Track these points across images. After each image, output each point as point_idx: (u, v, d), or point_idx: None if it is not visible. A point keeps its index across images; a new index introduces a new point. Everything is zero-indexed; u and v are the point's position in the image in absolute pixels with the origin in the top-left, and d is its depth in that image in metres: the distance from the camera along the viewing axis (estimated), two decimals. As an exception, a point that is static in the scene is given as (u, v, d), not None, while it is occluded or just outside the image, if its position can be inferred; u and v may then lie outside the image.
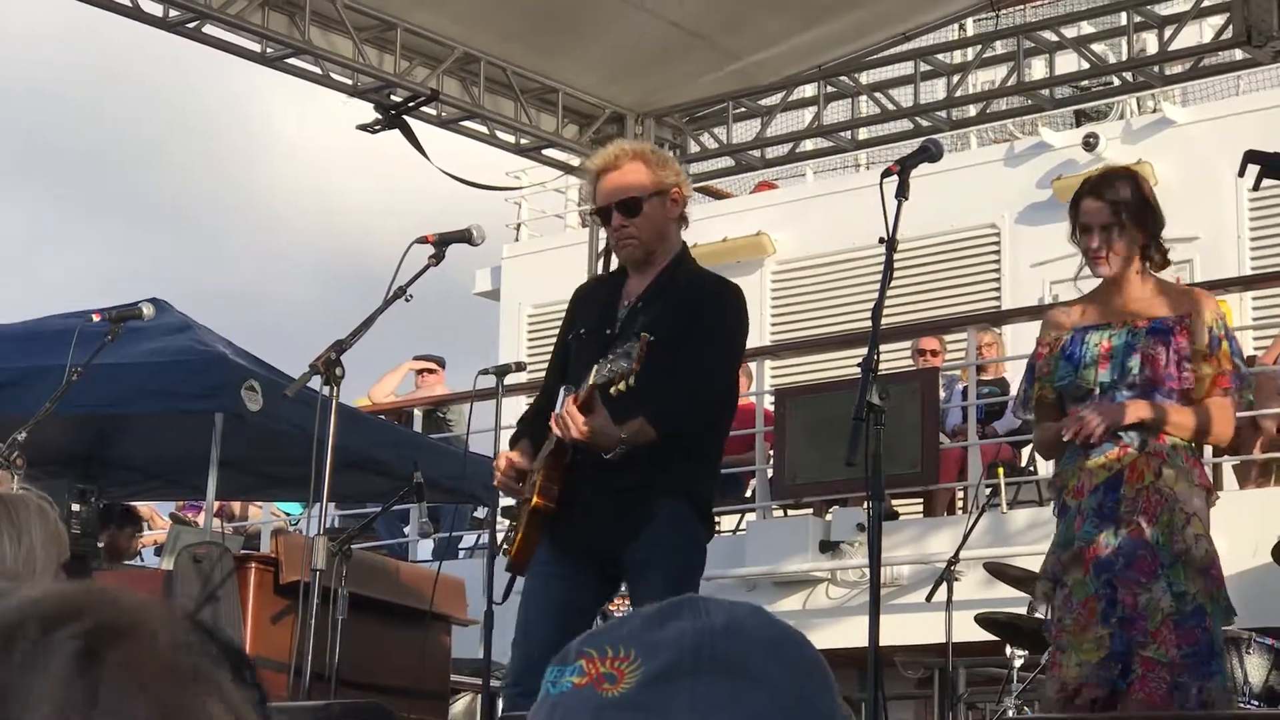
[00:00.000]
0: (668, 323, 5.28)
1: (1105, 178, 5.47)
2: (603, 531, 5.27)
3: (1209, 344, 5.27)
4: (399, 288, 5.82)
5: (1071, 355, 5.36)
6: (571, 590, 5.37)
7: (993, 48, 11.26)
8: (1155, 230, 5.39)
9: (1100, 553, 5.16)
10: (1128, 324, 5.31)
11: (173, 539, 10.49)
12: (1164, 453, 5.20)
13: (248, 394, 9.56)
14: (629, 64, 11.34)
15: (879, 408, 4.66)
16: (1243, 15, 9.48)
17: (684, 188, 5.51)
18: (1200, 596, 5.11)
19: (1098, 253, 5.34)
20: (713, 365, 5.32)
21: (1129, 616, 5.09)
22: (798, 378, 14.79)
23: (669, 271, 5.44)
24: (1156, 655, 5.06)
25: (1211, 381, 5.27)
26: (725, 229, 16.86)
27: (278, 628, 7.74)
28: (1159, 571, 5.09)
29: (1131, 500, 5.17)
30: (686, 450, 5.29)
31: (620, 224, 5.39)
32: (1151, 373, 5.22)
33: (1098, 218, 5.32)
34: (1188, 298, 5.44)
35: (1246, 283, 13.76)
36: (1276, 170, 5.00)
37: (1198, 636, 5.08)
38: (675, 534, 5.26)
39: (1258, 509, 10.19)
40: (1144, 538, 5.12)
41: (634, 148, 5.58)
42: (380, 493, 10.43)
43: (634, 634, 1.29)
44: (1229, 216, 14.42)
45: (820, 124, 11.53)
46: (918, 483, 11.43)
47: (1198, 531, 5.16)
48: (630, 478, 5.21)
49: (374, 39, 10.55)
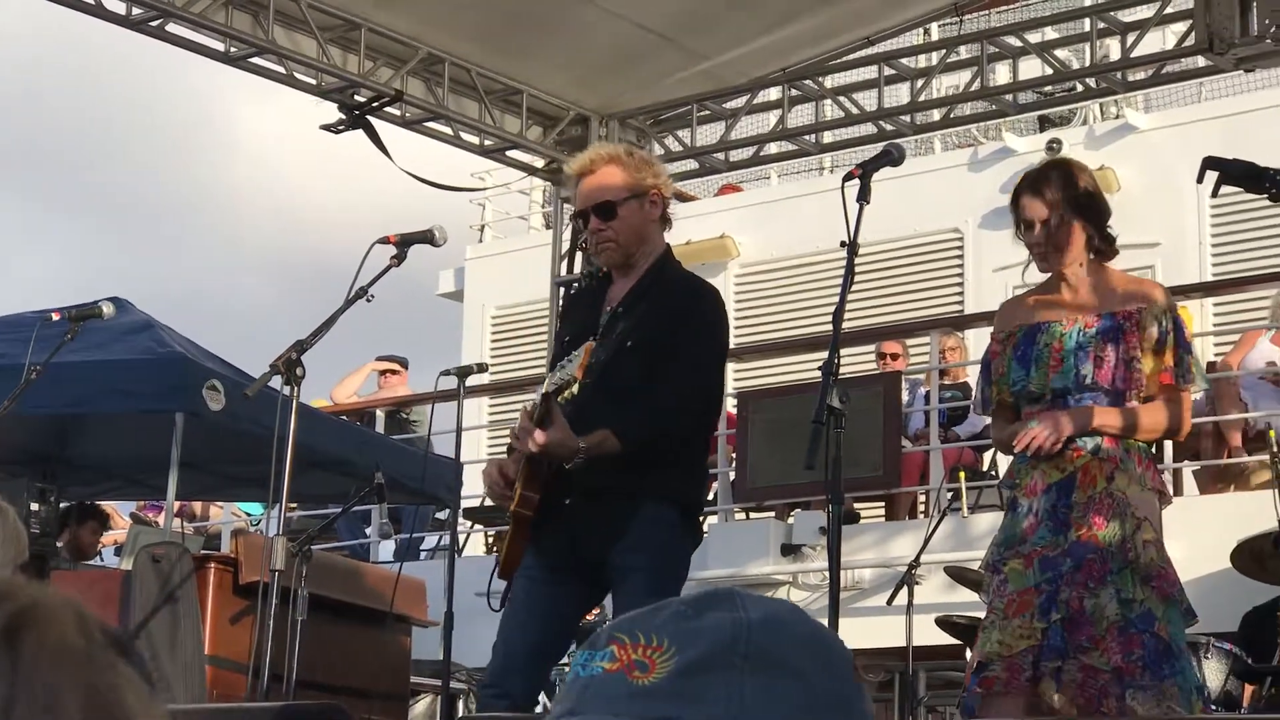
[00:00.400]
0: (647, 328, 5.29)
1: (1044, 172, 5.42)
2: (586, 537, 5.26)
3: (1158, 339, 5.22)
4: (360, 288, 5.80)
5: (1024, 357, 5.30)
6: (554, 595, 5.35)
7: (957, 52, 11.29)
8: (1099, 221, 5.34)
9: (1049, 553, 5.11)
10: (1078, 322, 5.25)
11: (132, 539, 10.44)
12: (1117, 457, 5.15)
13: (209, 393, 9.53)
14: (594, 66, 11.34)
15: (839, 411, 4.65)
16: (1205, 23, 9.52)
17: (664, 189, 5.48)
18: (1149, 601, 5.07)
19: (1041, 249, 5.31)
20: (688, 374, 5.28)
21: (1073, 618, 5.03)
22: (761, 380, 14.80)
23: (650, 275, 5.42)
24: (1098, 663, 5.00)
25: (1160, 377, 5.23)
26: (689, 232, 16.82)
27: (237, 628, 7.72)
28: (1107, 578, 5.05)
29: (1084, 506, 5.12)
30: (671, 455, 5.28)
31: (597, 228, 5.38)
32: (1105, 376, 5.18)
33: (1038, 213, 5.28)
34: (1138, 290, 5.37)
35: (1208, 289, 13.81)
36: (1235, 177, 5.00)
37: (1144, 642, 5.02)
38: (658, 539, 5.24)
39: (1217, 514, 10.23)
40: (1095, 543, 5.08)
41: (609, 151, 5.54)
42: (342, 493, 10.40)
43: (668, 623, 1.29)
44: (1190, 222, 14.47)
45: (784, 127, 11.55)
46: (880, 486, 11.45)
47: (1148, 537, 5.11)
48: (613, 483, 5.20)
49: (338, 39, 10.53)
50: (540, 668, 5.42)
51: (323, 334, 5.74)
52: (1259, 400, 10.99)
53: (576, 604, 5.47)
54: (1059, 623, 5.03)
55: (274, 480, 5.79)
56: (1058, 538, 5.12)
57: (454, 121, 11.33)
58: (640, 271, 5.42)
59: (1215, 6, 9.43)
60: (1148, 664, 5.00)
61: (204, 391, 9.49)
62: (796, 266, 16.32)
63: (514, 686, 5.27)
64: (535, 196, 18.98)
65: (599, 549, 5.25)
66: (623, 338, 5.30)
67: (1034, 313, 5.39)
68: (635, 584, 5.19)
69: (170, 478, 10.08)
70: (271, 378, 5.79)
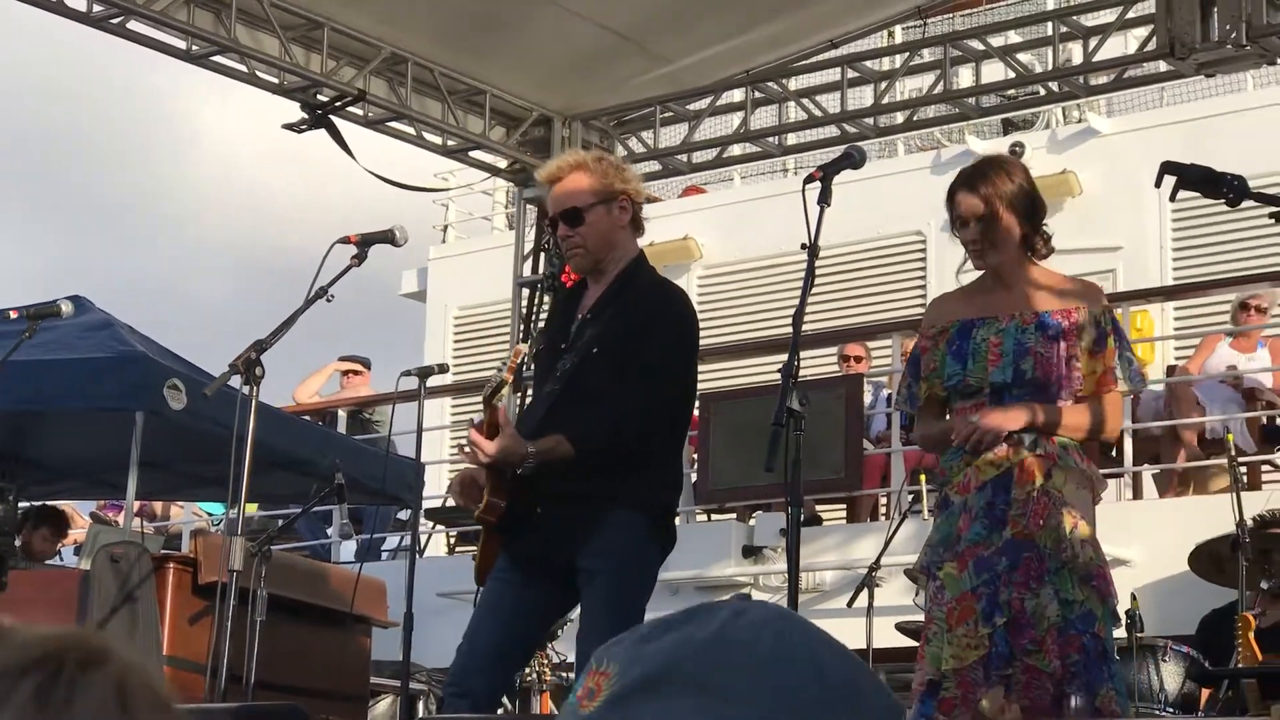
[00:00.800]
0: (613, 334, 5.32)
1: (979, 168, 5.38)
2: (555, 541, 5.29)
3: (1096, 339, 5.18)
4: (320, 288, 5.79)
5: (959, 352, 5.24)
6: (522, 598, 5.37)
7: (920, 56, 11.31)
8: (1035, 218, 5.28)
9: (983, 552, 5.04)
10: (1015, 319, 5.20)
11: (91, 538, 10.40)
12: (1055, 454, 5.10)
13: (170, 393, 9.49)
14: (557, 67, 11.33)
15: (799, 414, 4.64)
16: (1166, 28, 9.55)
17: (634, 194, 5.50)
18: (1090, 602, 5.01)
19: (976, 245, 5.25)
20: (647, 379, 5.29)
21: (1016, 620, 4.98)
22: (723, 382, 14.80)
23: (619, 282, 5.45)
24: (1041, 665, 4.96)
25: (1099, 378, 5.19)
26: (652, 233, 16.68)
27: (196, 629, 7.69)
28: (1045, 578, 4.99)
29: (1022, 503, 5.05)
30: (637, 459, 5.29)
31: (565, 234, 5.42)
32: (1043, 373, 5.13)
33: (973, 209, 5.22)
34: (1075, 289, 5.32)
35: (1169, 293, 13.87)
36: (1192, 182, 5.00)
37: (1084, 643, 4.97)
38: (623, 543, 5.26)
39: (1177, 518, 10.28)
40: (1031, 541, 5.01)
41: (577, 158, 5.57)
42: (303, 493, 10.38)
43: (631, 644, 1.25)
44: (1152, 226, 14.52)
45: (748, 129, 11.55)
46: (841, 488, 11.47)
47: (1085, 535, 5.05)
48: (581, 489, 5.23)
49: (301, 38, 10.50)
50: (503, 668, 5.44)
51: (282, 334, 5.73)
52: (1219, 405, 11.04)
53: (545, 607, 5.48)
54: (1003, 626, 4.98)
55: (233, 480, 5.77)
56: (991, 535, 5.05)
57: (417, 121, 11.31)
58: (610, 278, 5.45)
59: (1176, 11, 9.46)
60: (1085, 667, 4.95)
61: (165, 390, 9.45)
62: (760, 268, 16.34)
63: (475, 686, 5.30)
64: (498, 197, 18.98)
65: (567, 554, 5.28)
66: (589, 344, 5.34)
67: (968, 309, 5.33)
68: (599, 588, 5.23)
69: (130, 477, 10.04)
70: (231, 377, 5.78)
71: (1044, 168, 15.09)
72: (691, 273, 16.82)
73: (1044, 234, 5.31)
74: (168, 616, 7.81)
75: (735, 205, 16.92)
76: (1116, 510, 11.25)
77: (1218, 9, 9.38)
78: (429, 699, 9.99)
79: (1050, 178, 15.01)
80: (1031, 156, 15.20)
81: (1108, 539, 10.67)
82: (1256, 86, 14.58)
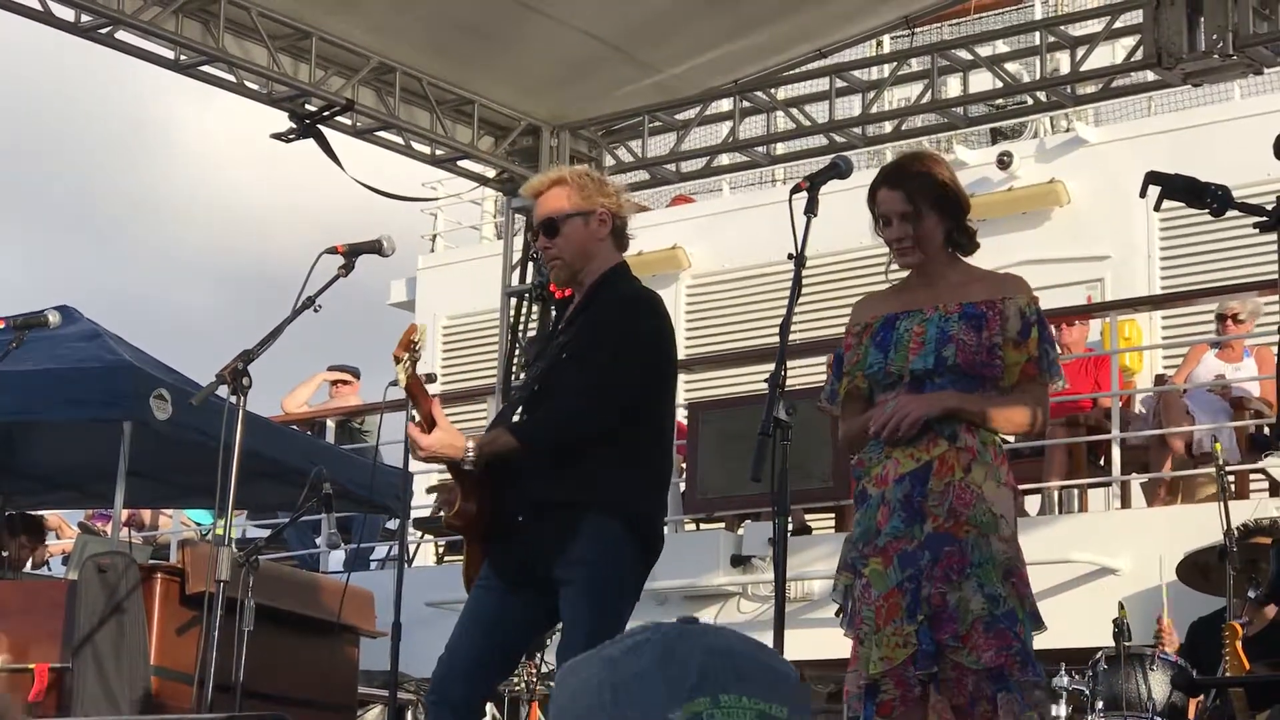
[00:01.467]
0: (581, 339, 5.41)
1: (899, 165, 5.32)
2: (535, 550, 5.31)
3: (1020, 330, 5.05)
4: (308, 298, 5.79)
5: (882, 342, 5.14)
6: (503, 606, 5.39)
7: (908, 65, 11.31)
8: (958, 214, 5.18)
9: (906, 547, 4.92)
10: (939, 309, 5.10)
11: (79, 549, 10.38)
12: (974, 448, 4.98)
13: (156, 402, 9.49)
14: (545, 76, 11.33)
15: (785, 423, 4.64)
16: (1153, 37, 9.58)
17: (615, 207, 5.58)
18: (1011, 600, 4.88)
19: (900, 243, 5.16)
20: (599, 376, 5.35)
21: (936, 615, 4.85)
22: (712, 391, 14.82)
23: (592, 290, 5.54)
24: (968, 661, 4.82)
25: (1022, 369, 5.05)
26: (640, 242, 16.65)
27: (184, 638, 7.68)
28: (968, 570, 4.86)
29: (940, 494, 4.93)
30: (614, 463, 5.31)
31: (544, 245, 5.56)
32: (964, 361, 5.01)
33: (895, 206, 5.14)
34: (1000, 282, 5.20)
35: (1156, 302, 13.88)
36: (1176, 191, 4.99)
37: (1011, 640, 4.83)
38: (598, 552, 5.26)
39: (1164, 526, 10.29)
40: (952, 534, 4.89)
41: (558, 174, 5.70)
42: (292, 503, 10.37)
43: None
44: (1140, 236, 14.53)
45: (736, 139, 11.56)
46: (829, 497, 11.46)
47: (1005, 534, 4.92)
48: (557, 496, 5.28)
49: (289, 48, 10.50)
50: (484, 677, 5.46)
51: (269, 344, 5.73)
52: (1208, 415, 11.05)
53: (529, 616, 5.48)
54: (925, 623, 4.85)
55: (220, 490, 5.77)
56: (911, 529, 4.93)
57: (405, 131, 11.31)
58: (586, 289, 5.55)
59: (1163, 22, 9.49)
60: (1017, 664, 4.81)
61: (151, 400, 9.45)
62: (748, 277, 16.35)
63: (454, 694, 5.34)
64: (487, 207, 18.99)
65: (546, 564, 5.29)
66: (560, 350, 5.45)
67: (893, 305, 5.24)
68: (573, 598, 5.26)
69: (118, 486, 10.03)
70: (218, 387, 5.78)
71: (1032, 177, 15.14)
72: (680, 282, 16.83)
73: (969, 229, 5.20)
74: (155, 626, 7.80)
75: (723, 214, 16.92)
76: (1104, 519, 11.27)
77: (1204, 19, 9.40)
78: (417, 709, 9.98)
79: (1038, 187, 15.05)
80: (1019, 166, 15.24)
81: (1096, 548, 10.74)
82: (1244, 96, 14.60)
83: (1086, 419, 11.51)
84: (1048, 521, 11.20)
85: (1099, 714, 7.76)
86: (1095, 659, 7.95)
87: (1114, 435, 11.18)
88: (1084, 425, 11.45)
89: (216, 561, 5.81)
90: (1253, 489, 11.00)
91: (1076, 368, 11.78)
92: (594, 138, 11.99)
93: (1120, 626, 7.86)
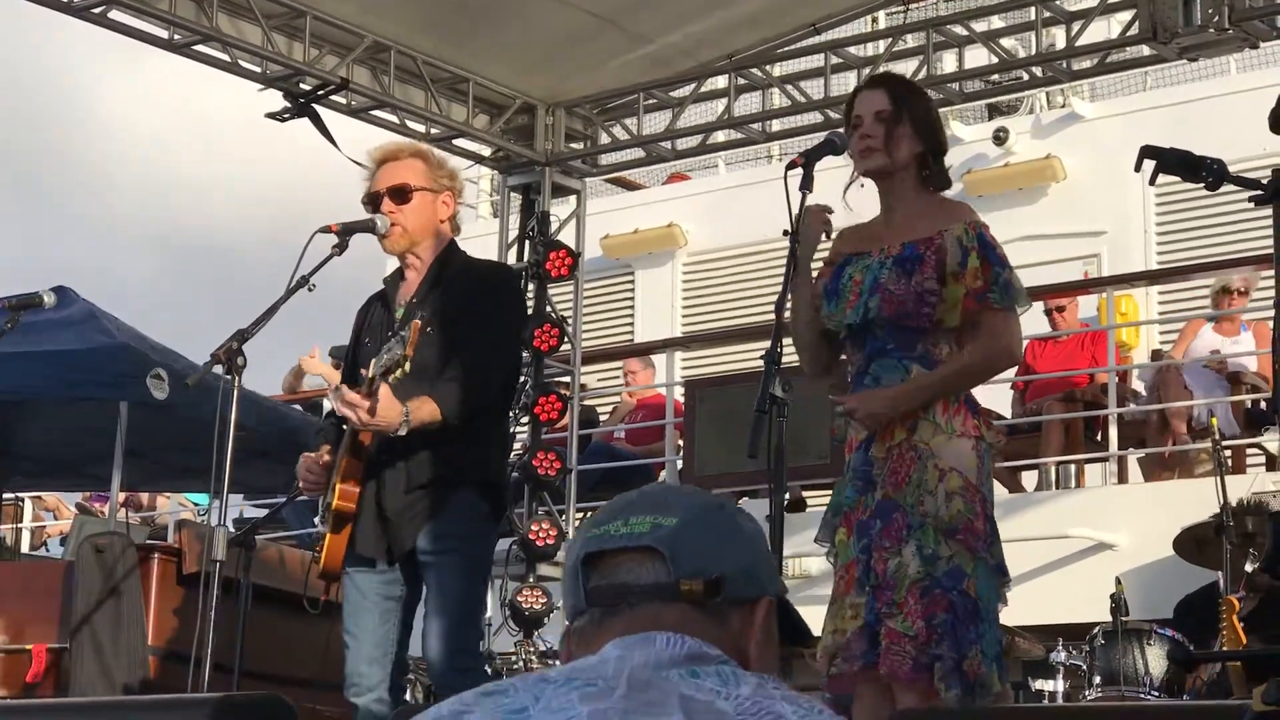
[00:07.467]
0: (446, 312, 5.46)
1: (890, 75, 5.25)
2: (401, 530, 5.39)
3: (960, 261, 4.85)
4: (301, 277, 5.78)
5: (831, 290, 5.01)
6: (388, 585, 5.48)
7: (903, 41, 11.29)
8: (935, 144, 5.03)
9: (861, 517, 4.85)
10: (882, 252, 4.94)
11: (76, 529, 10.40)
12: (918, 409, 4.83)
13: (154, 383, 9.48)
14: (540, 54, 11.30)
15: (782, 400, 4.63)
16: (1149, 12, 9.55)
17: (456, 195, 5.71)
18: (959, 557, 4.72)
19: (867, 140, 4.98)
20: (489, 352, 5.45)
21: (879, 584, 4.74)
22: (708, 369, 14.83)
23: (438, 264, 5.60)
24: (901, 628, 4.68)
25: (965, 301, 4.84)
26: (636, 220, 16.86)
27: (181, 619, 7.69)
28: (906, 535, 4.73)
29: (883, 461, 4.82)
30: (475, 437, 5.41)
31: (390, 209, 5.57)
32: (889, 313, 4.85)
33: (874, 104, 4.98)
34: (945, 213, 5.00)
35: (1153, 277, 13.88)
36: (1172, 165, 4.96)
37: (951, 602, 4.67)
38: (466, 525, 5.41)
39: (1162, 501, 10.30)
40: (895, 499, 4.78)
41: (416, 147, 5.83)
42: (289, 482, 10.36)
43: None
44: (1136, 211, 14.53)
45: (731, 116, 11.54)
46: (827, 474, 11.43)
47: (953, 486, 4.74)
48: (423, 475, 5.37)
49: (283, 26, 10.47)
50: (393, 659, 5.52)
51: (263, 323, 5.72)
52: (1205, 390, 11.06)
53: (410, 593, 5.53)
54: (871, 591, 4.76)
55: (215, 469, 5.77)
56: (864, 497, 4.85)
57: (400, 110, 11.29)
58: (427, 264, 5.60)
59: (1159, -4, 9.47)
60: (951, 629, 4.66)
61: (148, 380, 9.45)
62: (744, 255, 16.33)
63: (372, 679, 5.45)
64: (483, 185, 18.95)
65: (409, 539, 5.38)
66: (425, 323, 5.38)
67: (852, 244, 5.07)
68: (443, 570, 5.35)
69: (115, 467, 10.03)
70: (213, 367, 5.77)
71: (1028, 153, 15.13)
72: (676, 259, 16.83)
73: (942, 166, 5.05)
74: (152, 607, 7.81)
75: (720, 192, 16.91)
76: (1102, 494, 11.28)
77: (1200, -7, 9.38)
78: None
79: (1034, 163, 15.04)
80: (1015, 142, 15.22)
81: (1093, 523, 10.75)
82: (1240, 70, 14.58)
83: (1083, 394, 11.51)
84: (1045, 497, 11.22)
85: (1096, 689, 7.77)
86: (1092, 634, 7.95)
87: (1110, 411, 11.18)
88: (1081, 401, 11.46)
89: (211, 541, 5.81)
90: (1249, 463, 11.01)
91: (1073, 344, 11.78)
92: (589, 115, 11.96)
93: (1117, 601, 7.86)
